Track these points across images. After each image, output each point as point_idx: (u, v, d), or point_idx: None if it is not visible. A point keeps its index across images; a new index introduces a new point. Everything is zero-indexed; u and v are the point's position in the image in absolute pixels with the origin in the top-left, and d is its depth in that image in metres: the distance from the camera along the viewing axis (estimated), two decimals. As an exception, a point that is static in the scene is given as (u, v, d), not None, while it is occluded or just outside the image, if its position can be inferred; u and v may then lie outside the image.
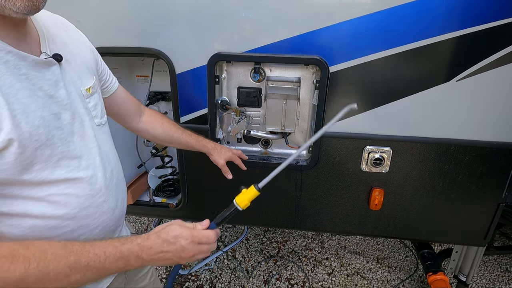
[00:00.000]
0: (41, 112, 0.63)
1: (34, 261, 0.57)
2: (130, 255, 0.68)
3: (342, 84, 1.24)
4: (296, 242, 2.70)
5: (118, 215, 0.87)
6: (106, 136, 0.87)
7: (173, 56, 1.29)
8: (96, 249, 0.64)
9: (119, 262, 0.66)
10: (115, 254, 0.66)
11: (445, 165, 1.33)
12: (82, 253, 0.63)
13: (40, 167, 0.64)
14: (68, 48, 0.77)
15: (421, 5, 1.11)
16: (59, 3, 1.24)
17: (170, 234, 0.71)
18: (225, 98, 1.41)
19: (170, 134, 1.15)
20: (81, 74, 0.78)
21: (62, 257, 0.60)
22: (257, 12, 1.20)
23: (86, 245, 0.64)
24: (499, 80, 1.18)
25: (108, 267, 0.65)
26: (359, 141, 1.32)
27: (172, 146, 1.33)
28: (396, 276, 2.36)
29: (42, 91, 0.65)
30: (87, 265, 0.62)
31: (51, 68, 0.68)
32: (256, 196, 0.79)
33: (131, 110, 1.07)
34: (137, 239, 0.70)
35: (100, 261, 0.64)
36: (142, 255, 0.69)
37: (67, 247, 0.62)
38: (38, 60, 0.65)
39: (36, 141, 0.62)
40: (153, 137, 1.15)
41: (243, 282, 2.29)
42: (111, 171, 0.84)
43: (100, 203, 0.78)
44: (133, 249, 0.68)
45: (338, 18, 1.15)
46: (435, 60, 1.19)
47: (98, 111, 0.83)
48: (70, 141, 0.71)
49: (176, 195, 1.76)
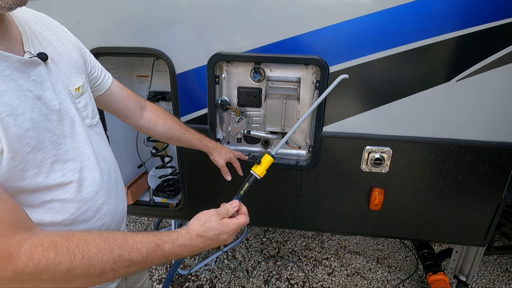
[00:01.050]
0: (30, 114, 0.60)
1: (78, 253, 0.57)
2: (172, 253, 0.69)
3: (342, 84, 1.24)
4: (296, 242, 2.70)
5: (120, 216, 0.86)
6: (99, 137, 0.84)
7: (173, 56, 1.29)
8: (139, 245, 0.64)
9: (161, 258, 0.68)
10: (156, 251, 0.66)
11: (445, 165, 1.33)
12: (126, 247, 0.62)
13: (34, 172, 0.62)
14: (53, 47, 0.74)
15: (421, 5, 1.11)
16: (59, 3, 1.24)
17: (211, 232, 0.73)
18: (225, 98, 1.41)
19: (173, 132, 1.13)
20: (68, 73, 0.75)
21: (106, 251, 0.60)
22: (257, 12, 1.20)
23: (128, 240, 0.64)
24: (499, 80, 1.18)
25: (149, 262, 0.66)
26: (359, 141, 1.32)
27: (174, 144, 1.32)
28: (396, 276, 2.36)
29: (30, 92, 0.62)
30: (131, 260, 0.63)
31: (36, 68, 0.65)
32: (271, 163, 0.88)
33: (131, 107, 1.04)
34: (179, 238, 0.70)
35: (143, 257, 0.64)
36: (184, 253, 0.71)
37: (109, 240, 0.62)
38: (22, 60, 0.61)
39: (26, 145, 0.59)
40: (155, 134, 1.13)
41: (243, 282, 2.29)
42: (108, 172, 0.82)
43: (99, 205, 0.77)
44: (175, 248, 0.69)
45: (338, 18, 1.15)
46: (435, 60, 1.19)
47: (89, 111, 0.80)
48: (61, 143, 0.68)
49: (176, 195, 1.76)
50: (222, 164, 1.27)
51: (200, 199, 1.58)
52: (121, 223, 0.89)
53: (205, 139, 1.24)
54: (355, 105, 1.28)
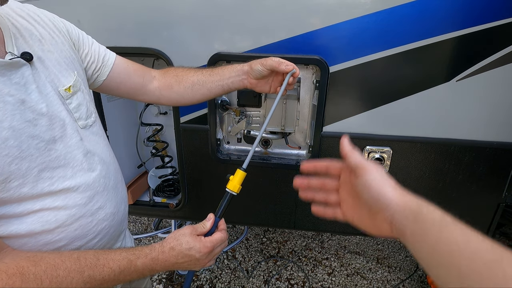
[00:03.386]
0: (10, 122, 0.55)
1: (46, 279, 0.54)
2: (145, 269, 0.68)
3: (342, 84, 1.24)
4: (296, 242, 2.70)
5: (119, 220, 0.82)
6: (96, 137, 0.78)
7: (173, 56, 1.29)
8: (111, 263, 0.63)
9: (133, 274, 0.67)
10: (129, 268, 0.65)
11: (445, 165, 1.33)
12: (97, 267, 0.61)
13: (18, 183, 0.57)
14: (40, 43, 0.67)
15: (421, 5, 1.11)
16: (59, 2, 1.24)
17: (183, 246, 0.71)
18: (225, 98, 1.41)
19: (193, 85, 0.94)
20: (58, 71, 0.69)
21: (76, 273, 0.58)
22: (257, 12, 1.20)
23: (100, 259, 0.63)
24: (499, 80, 1.18)
25: (122, 279, 0.65)
26: (359, 141, 1.32)
27: (204, 100, 1.01)
28: (396, 276, 2.36)
29: (11, 97, 0.56)
30: (102, 279, 0.61)
31: (19, 70, 0.59)
32: (244, 176, 0.83)
33: (140, 82, 0.95)
34: (151, 252, 0.69)
35: (115, 275, 0.63)
36: (157, 268, 0.69)
37: (80, 261, 0.60)
38: (2, 63, 0.56)
39: (6, 156, 0.54)
40: (172, 99, 0.97)
41: (243, 282, 2.29)
42: (106, 174, 0.77)
43: (95, 211, 0.72)
44: (148, 263, 0.68)
45: (338, 18, 1.15)
46: (435, 60, 1.19)
47: (82, 112, 0.74)
48: (51, 149, 0.63)
49: (176, 195, 1.76)
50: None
51: (200, 199, 1.58)
52: (122, 226, 0.85)
53: (232, 68, 0.95)
54: (355, 105, 1.28)
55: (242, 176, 0.83)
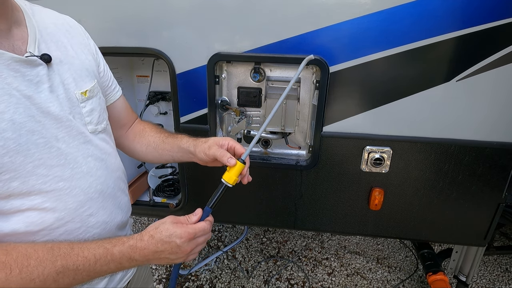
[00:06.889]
0: (12, 115, 0.57)
1: (16, 268, 0.54)
2: (123, 257, 0.66)
3: (342, 84, 1.24)
4: (296, 242, 2.70)
5: (112, 229, 0.80)
6: (103, 143, 0.79)
7: (173, 56, 1.29)
8: (86, 251, 0.62)
9: (111, 264, 0.65)
10: (105, 257, 0.64)
11: (445, 165, 1.33)
12: (70, 256, 0.60)
13: (10, 176, 0.57)
14: (65, 49, 0.73)
15: (421, 5, 1.11)
16: (59, 2, 1.24)
17: (163, 233, 0.69)
18: (225, 98, 1.41)
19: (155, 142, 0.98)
20: (77, 76, 0.73)
21: (48, 262, 0.57)
22: (257, 12, 1.20)
23: (74, 248, 0.61)
24: (499, 80, 1.18)
25: (99, 270, 0.64)
26: (359, 141, 1.32)
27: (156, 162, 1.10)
28: (396, 276, 2.36)
29: (18, 91, 0.59)
30: (76, 269, 0.60)
31: (35, 69, 0.63)
32: (242, 169, 0.82)
33: (126, 119, 0.99)
34: (129, 240, 0.68)
35: (90, 264, 0.62)
36: (135, 256, 0.67)
37: (54, 250, 0.59)
38: (16, 59, 0.59)
39: (1, 147, 0.55)
40: (130, 155, 1.03)
41: (243, 282, 2.29)
42: (105, 181, 0.76)
43: (85, 217, 0.71)
44: (125, 251, 0.66)
45: (338, 18, 1.15)
46: (435, 60, 1.19)
47: (94, 117, 0.76)
48: (52, 147, 0.64)
49: (176, 195, 1.76)
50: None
51: (200, 199, 1.58)
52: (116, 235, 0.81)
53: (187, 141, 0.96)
54: (355, 105, 1.28)
55: (240, 168, 0.81)
